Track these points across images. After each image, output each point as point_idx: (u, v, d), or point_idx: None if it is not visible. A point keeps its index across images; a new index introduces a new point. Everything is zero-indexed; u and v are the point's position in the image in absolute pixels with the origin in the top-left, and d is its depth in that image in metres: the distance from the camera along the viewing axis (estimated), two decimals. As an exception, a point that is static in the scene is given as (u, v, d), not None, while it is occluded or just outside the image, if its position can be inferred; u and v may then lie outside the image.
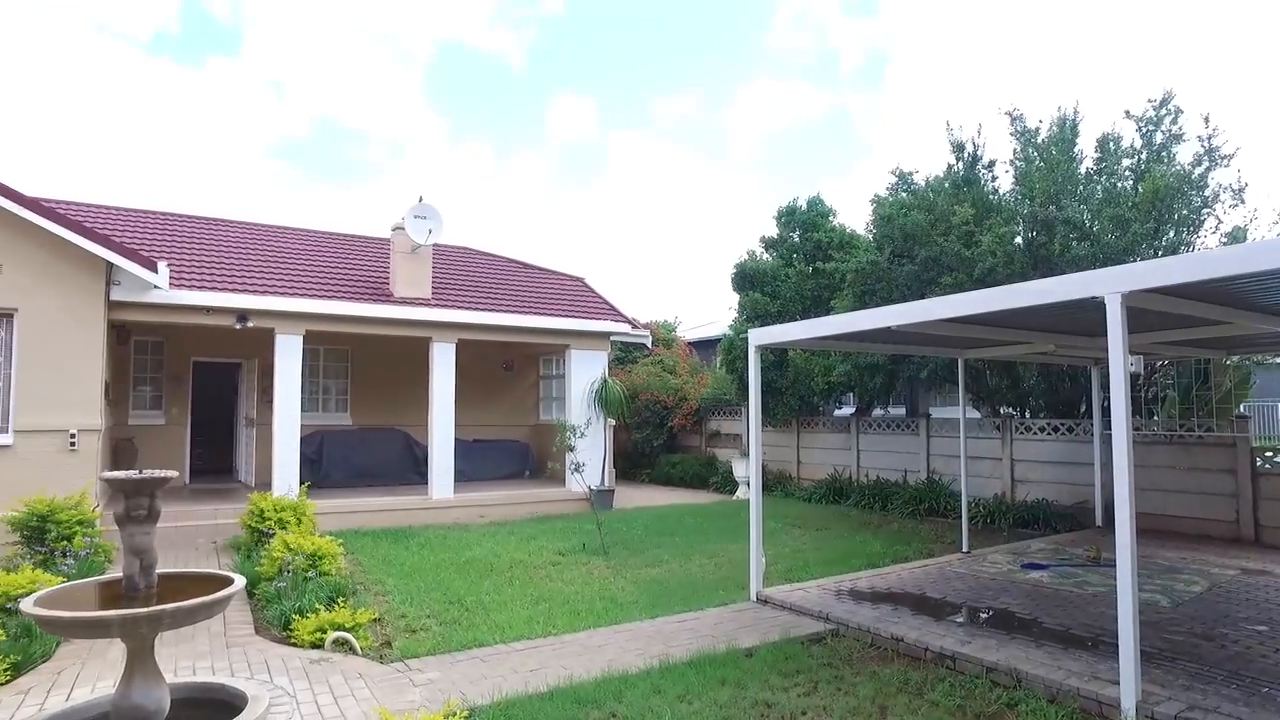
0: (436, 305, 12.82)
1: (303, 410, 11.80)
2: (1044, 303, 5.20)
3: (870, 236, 13.72)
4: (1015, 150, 12.03)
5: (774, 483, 15.79)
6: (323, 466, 13.01)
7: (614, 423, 14.74)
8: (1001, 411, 13.08)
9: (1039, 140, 11.75)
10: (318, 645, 5.72)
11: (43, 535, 8.12)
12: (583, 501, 13.17)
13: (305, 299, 11.63)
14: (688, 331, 26.31)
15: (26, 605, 3.62)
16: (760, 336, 7.81)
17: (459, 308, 13.02)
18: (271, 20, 56.02)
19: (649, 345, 17.97)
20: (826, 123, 59.54)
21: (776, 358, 15.29)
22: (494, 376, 16.48)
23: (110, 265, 9.83)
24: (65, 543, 8.11)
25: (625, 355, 21.25)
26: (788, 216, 17.01)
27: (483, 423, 15.79)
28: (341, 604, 6.23)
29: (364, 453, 13.96)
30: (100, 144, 54.24)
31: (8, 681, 5.05)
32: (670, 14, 55.42)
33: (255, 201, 58.11)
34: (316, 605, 6.19)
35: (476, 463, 14.55)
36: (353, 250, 15.02)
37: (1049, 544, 9.95)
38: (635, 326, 15.23)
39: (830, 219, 16.78)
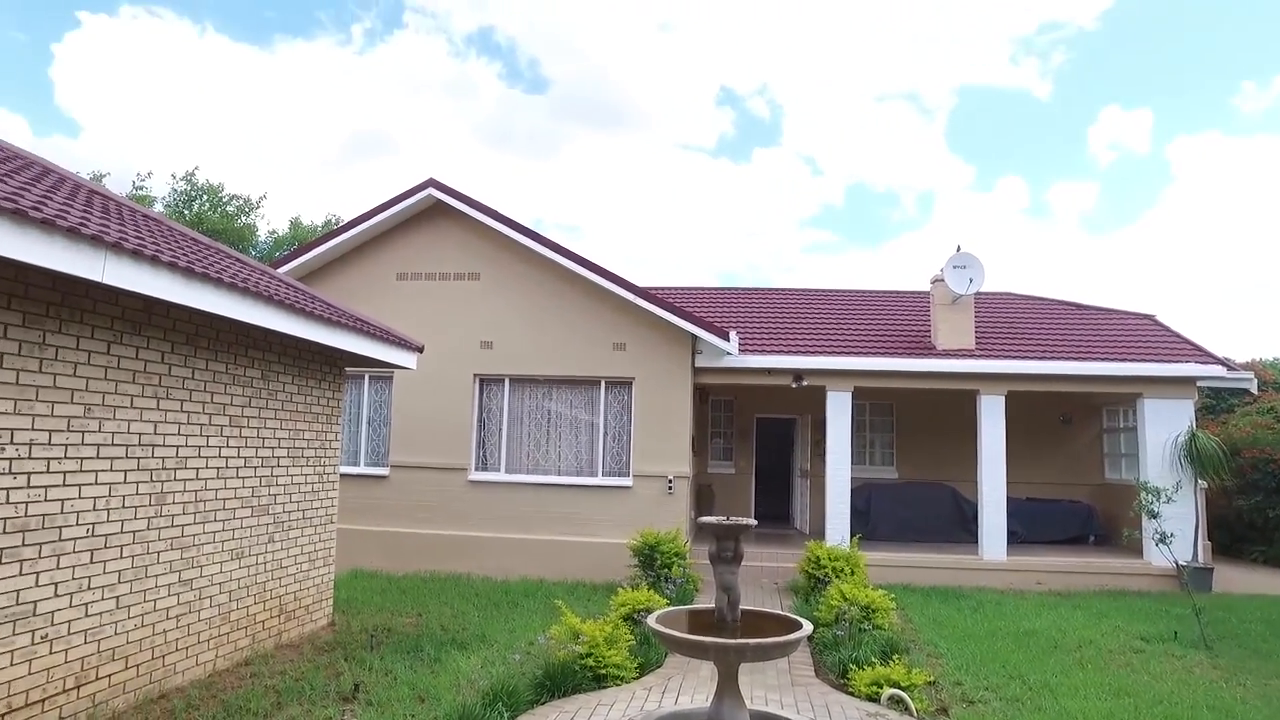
0: (981, 356, 12.34)
1: (851, 463, 12.35)
2: None
3: None
4: None
5: None
6: (870, 519, 13.37)
7: (1205, 485, 12.24)
8: None
9: None
10: (873, 698, 5.87)
11: (652, 562, 9.93)
12: (1166, 578, 11.16)
13: (852, 357, 12.26)
14: (1313, 371, 20.59)
15: (650, 621, 4.51)
16: None
17: (1006, 357, 12.31)
18: (804, 106, 61.43)
19: (1253, 390, 14.53)
20: None
21: None
22: (1049, 430, 15.09)
23: (694, 337, 11.76)
24: (666, 570, 9.79)
25: (1217, 403, 17.54)
26: None
27: (1037, 480, 14.53)
28: (896, 660, 6.30)
29: (910, 507, 13.95)
30: (674, 236, 65.36)
31: (636, 678, 6.35)
32: (1263, -16, 45.39)
33: (799, 270, 63.47)
34: (872, 658, 6.38)
35: (1030, 523, 13.42)
36: (892, 306, 15.40)
37: None
38: (1230, 368, 12.50)
39: None
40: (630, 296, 11.61)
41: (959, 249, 12.68)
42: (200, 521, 6.11)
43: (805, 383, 12.28)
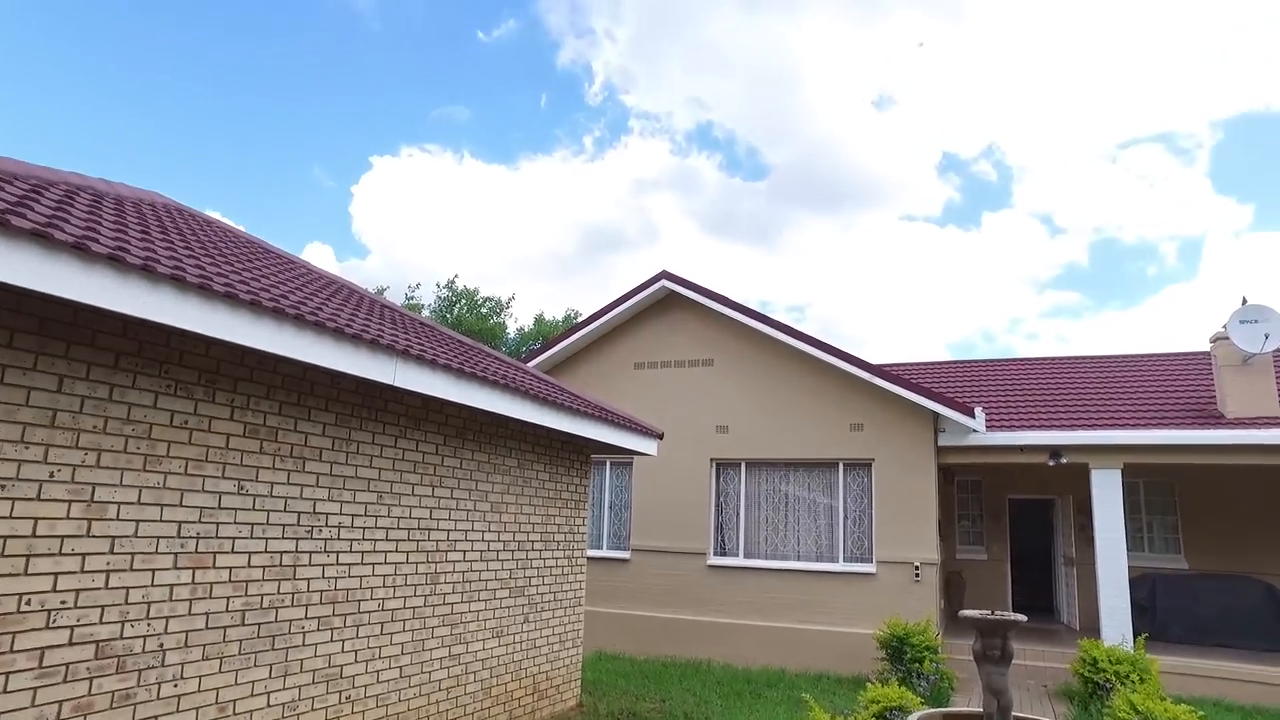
0: (1288, 425, 10.57)
1: (1126, 550, 10.92)
2: None
3: None
4: None
5: None
6: (1156, 616, 11.64)
7: None
8: None
9: None
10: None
11: (900, 655, 9.31)
12: None
13: (1119, 430, 11.00)
14: None
15: (911, 724, 4.23)
16: None
17: (1323, 426, 10.44)
18: (1036, 163, 57.66)
19: None
20: None
21: None
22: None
23: (935, 415, 11.16)
24: (917, 664, 9.13)
25: None
26: None
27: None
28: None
29: (1208, 603, 11.96)
30: (903, 310, 62.95)
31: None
32: None
33: (1043, 337, 58.59)
34: (1180, 783, 5.50)
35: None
36: (1163, 370, 13.72)
37: None
38: None
39: None
40: (865, 375, 11.31)
41: (1245, 301, 11.12)
42: (466, 600, 6.63)
43: (1064, 460, 11.15)
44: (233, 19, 54.10)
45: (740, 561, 11.76)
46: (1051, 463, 11.20)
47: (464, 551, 6.60)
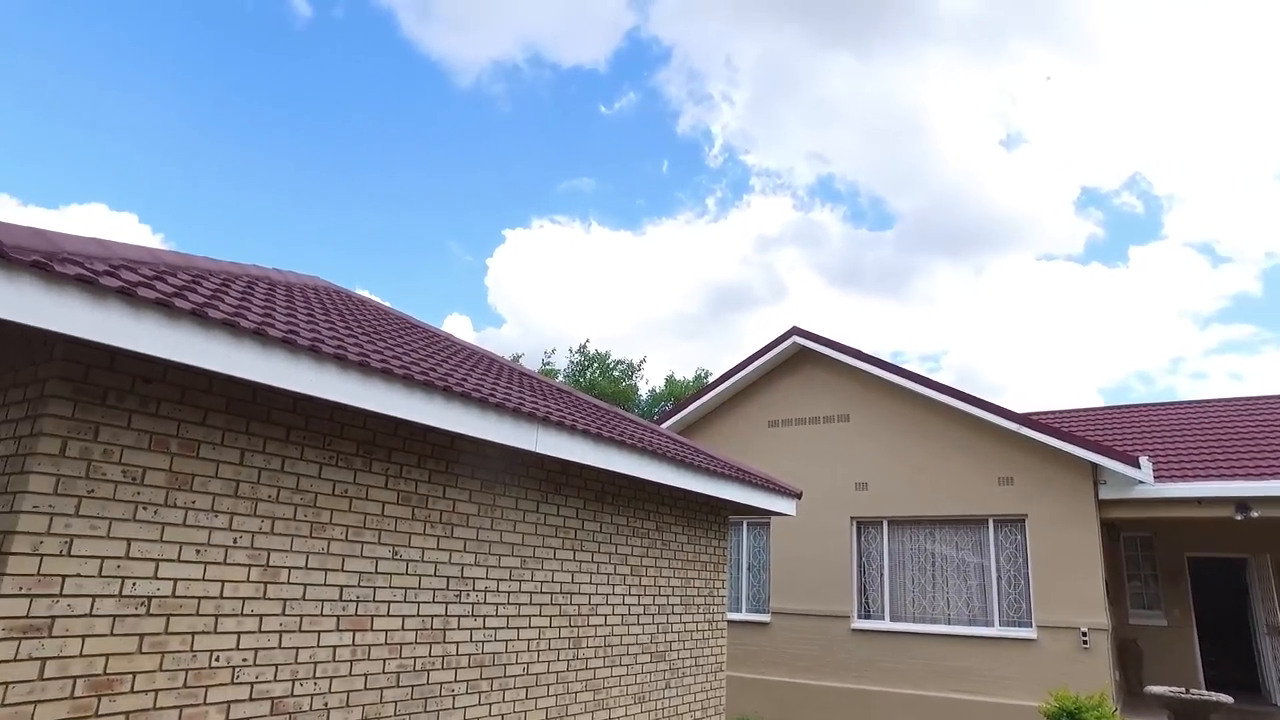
0: None
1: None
2: None
3: None
4: None
5: None
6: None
7: None
8: None
9: None
10: None
11: (1073, 732, 8.53)
12: None
13: (1320, 480, 9.84)
14: None
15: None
16: None
17: None
18: (1190, 189, 53.72)
19: None
20: None
21: None
22: None
23: (1094, 466, 10.38)
24: (1094, 743, 8.33)
25: None
26: None
27: None
28: None
29: None
30: (1047, 354, 59.29)
31: None
32: None
33: (1212, 376, 53.68)
34: None
35: None
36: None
37: None
38: None
39: None
40: (1012, 425, 10.69)
41: None
42: (608, 665, 6.61)
43: (1255, 514, 10.05)
44: (376, 112, 58.98)
45: (886, 625, 11.20)
46: (1239, 517, 10.13)
47: (605, 615, 6.61)
